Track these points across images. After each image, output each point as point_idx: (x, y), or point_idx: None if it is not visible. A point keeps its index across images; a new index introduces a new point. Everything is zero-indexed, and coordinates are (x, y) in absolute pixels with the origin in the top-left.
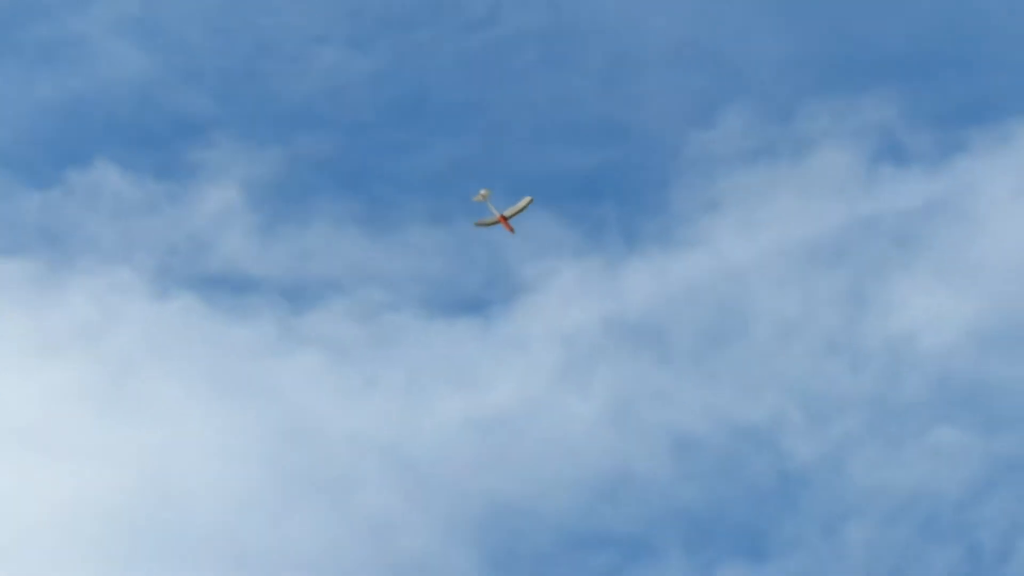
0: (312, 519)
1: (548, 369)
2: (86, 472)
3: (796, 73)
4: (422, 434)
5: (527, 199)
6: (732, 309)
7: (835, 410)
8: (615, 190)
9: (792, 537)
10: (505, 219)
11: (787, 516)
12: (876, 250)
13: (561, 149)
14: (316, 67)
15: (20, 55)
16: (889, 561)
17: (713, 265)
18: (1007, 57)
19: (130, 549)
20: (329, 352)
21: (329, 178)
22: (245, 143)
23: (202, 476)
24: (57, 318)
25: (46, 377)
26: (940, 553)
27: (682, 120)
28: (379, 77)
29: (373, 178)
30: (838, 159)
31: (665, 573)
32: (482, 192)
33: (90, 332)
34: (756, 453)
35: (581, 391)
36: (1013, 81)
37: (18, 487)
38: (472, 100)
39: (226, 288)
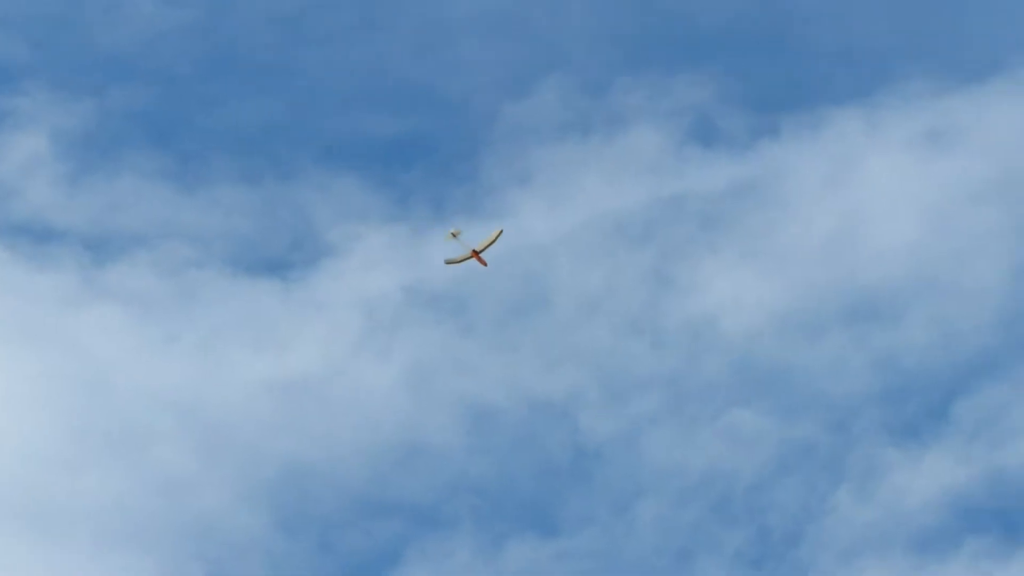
0: (105, 474)
1: (349, 334)
2: None
3: (613, 49)
4: (220, 393)
5: (497, 231)
6: (536, 283)
7: (634, 388)
8: (425, 158)
9: (584, 513)
10: (477, 253)
11: (580, 492)
12: (683, 231)
13: (372, 114)
14: (132, 18)
15: None
16: (679, 541)
17: (519, 238)
18: (821, 43)
19: None
20: (130, 306)
21: (140, 131)
22: (57, 92)
23: None
24: None
25: None
26: (730, 535)
27: (496, 90)
28: (193, 32)
29: (184, 133)
30: (650, 137)
31: (455, 545)
32: (452, 231)
33: None
34: (553, 428)
35: (381, 358)
36: (826, 68)
37: None
38: (285, 60)
39: (30, 237)
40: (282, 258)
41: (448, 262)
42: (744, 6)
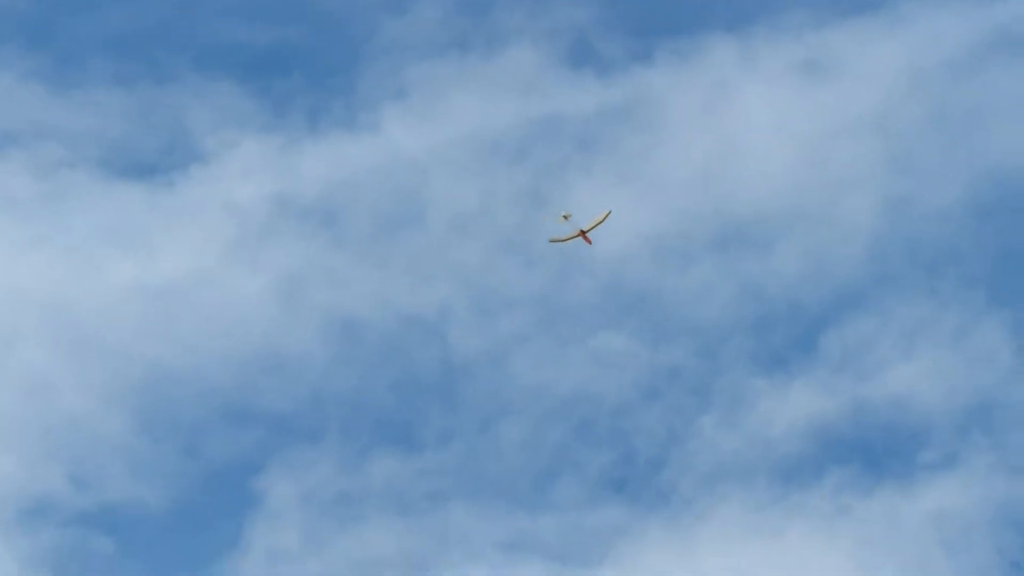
0: None
1: (219, 242)
2: None
3: None
4: (88, 296)
5: (606, 212)
6: (410, 198)
7: (504, 307)
8: (302, 69)
9: (449, 429)
10: (584, 233)
11: (446, 409)
12: (558, 152)
13: (251, 22)
14: None
15: None
16: (542, 461)
17: (395, 152)
18: None
19: None
20: (1, 205)
21: (15, 31)
22: None
23: None
24: None
25: None
26: (594, 457)
27: (375, 5)
28: None
29: (61, 34)
30: (529, 58)
31: (318, 456)
32: (564, 214)
33: None
34: (421, 343)
35: (250, 267)
36: None
37: None
38: None
39: None
40: (155, 163)
41: (553, 240)
42: None
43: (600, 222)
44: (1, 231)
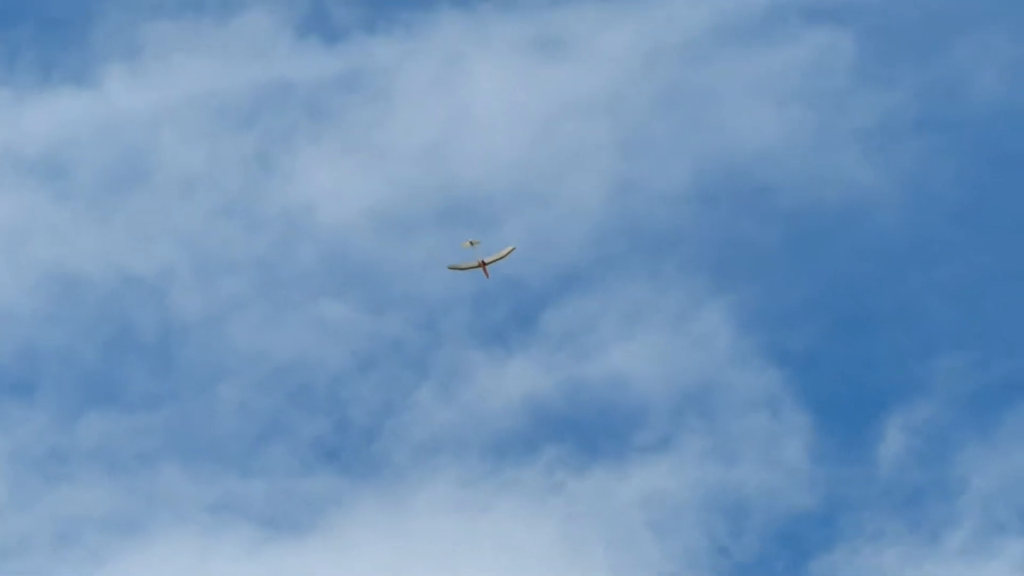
0: None
1: None
2: None
3: None
4: None
5: (510, 248)
6: (136, 158)
7: (225, 271)
8: (36, 21)
9: (163, 391)
10: (484, 264)
11: (162, 369)
12: (287, 118)
13: None
14: None
15: None
16: (257, 426)
17: (123, 111)
18: None
19: None
20: None
21: None
22: None
23: None
24: None
25: None
26: (309, 424)
27: None
28: None
29: None
30: (263, 22)
31: (30, 411)
32: (471, 241)
33: None
34: (141, 303)
35: None
36: None
37: None
38: None
39: None
40: None
41: (452, 267)
42: None
43: (502, 257)
44: None
